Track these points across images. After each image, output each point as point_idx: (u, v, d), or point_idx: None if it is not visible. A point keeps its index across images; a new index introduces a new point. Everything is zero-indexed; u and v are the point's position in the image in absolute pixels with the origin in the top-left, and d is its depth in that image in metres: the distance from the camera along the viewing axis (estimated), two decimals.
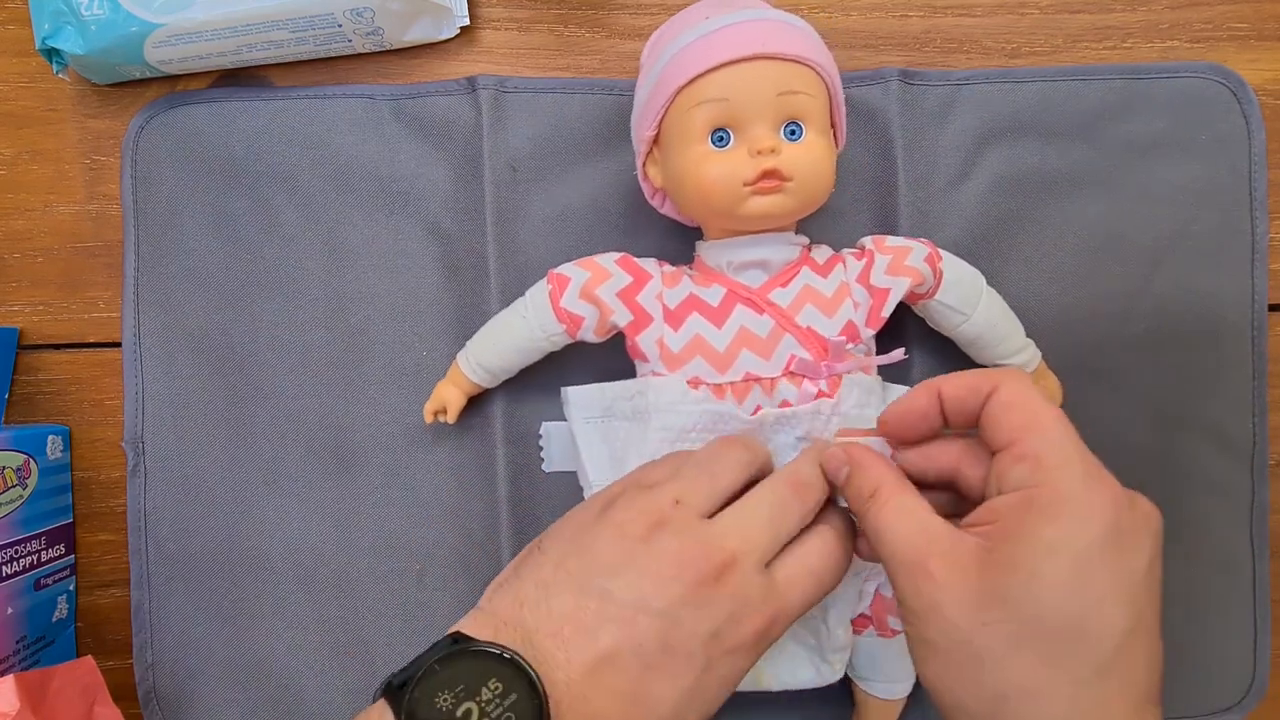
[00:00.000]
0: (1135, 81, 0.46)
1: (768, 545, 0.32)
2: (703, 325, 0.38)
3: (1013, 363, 0.43)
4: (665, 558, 0.31)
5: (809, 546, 0.33)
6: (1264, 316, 0.46)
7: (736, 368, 0.38)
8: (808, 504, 0.33)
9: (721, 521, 0.32)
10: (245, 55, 0.45)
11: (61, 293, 0.48)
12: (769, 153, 0.36)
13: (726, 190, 0.36)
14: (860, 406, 0.38)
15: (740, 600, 0.31)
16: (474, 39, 0.48)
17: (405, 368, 0.46)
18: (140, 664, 0.46)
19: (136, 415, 0.47)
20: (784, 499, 0.33)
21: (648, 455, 0.38)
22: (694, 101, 0.36)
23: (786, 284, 0.39)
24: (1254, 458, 0.46)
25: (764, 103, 0.36)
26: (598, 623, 0.30)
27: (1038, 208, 0.46)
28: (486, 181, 0.46)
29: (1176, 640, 0.46)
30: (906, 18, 0.48)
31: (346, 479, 0.46)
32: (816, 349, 0.38)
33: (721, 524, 0.32)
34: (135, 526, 0.46)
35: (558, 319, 0.40)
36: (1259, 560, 0.46)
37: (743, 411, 0.38)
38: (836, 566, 0.33)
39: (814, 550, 0.33)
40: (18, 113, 0.48)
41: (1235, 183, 0.46)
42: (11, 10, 0.48)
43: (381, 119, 0.47)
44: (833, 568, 0.33)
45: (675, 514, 0.32)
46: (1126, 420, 0.46)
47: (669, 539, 0.31)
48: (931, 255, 0.40)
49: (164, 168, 0.47)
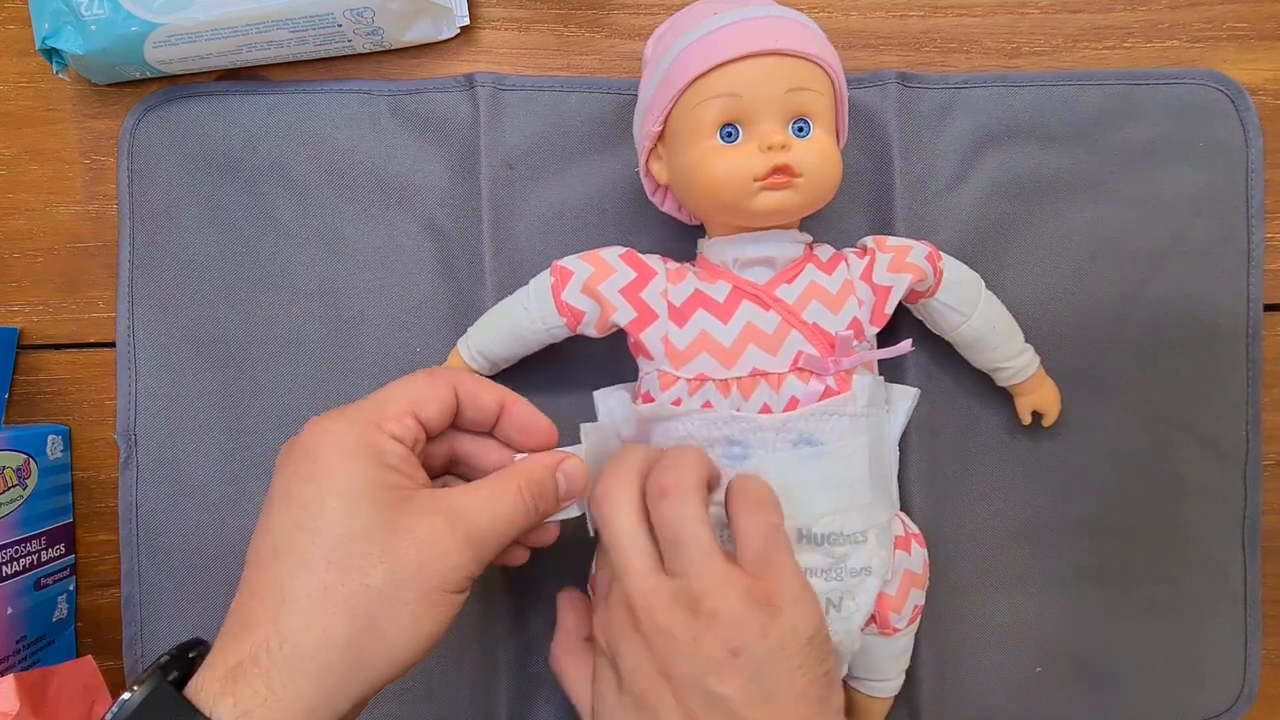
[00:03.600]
0: (1133, 87, 0.46)
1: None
2: (709, 321, 0.38)
3: (1011, 366, 0.43)
4: None
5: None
6: (1259, 324, 0.46)
7: (743, 363, 0.38)
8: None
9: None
10: (245, 55, 0.45)
11: (61, 293, 0.48)
12: (780, 148, 0.36)
13: (736, 185, 0.36)
14: (870, 404, 0.38)
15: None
16: (474, 39, 0.48)
17: (399, 363, 0.46)
18: (130, 657, 0.46)
19: (129, 408, 0.47)
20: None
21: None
22: (703, 96, 0.36)
23: (792, 280, 0.39)
24: (1247, 464, 0.46)
25: (774, 98, 0.36)
26: None
27: (1034, 212, 0.46)
28: (483, 179, 0.46)
29: (1167, 647, 0.46)
30: (906, 18, 0.48)
31: None
32: (823, 345, 0.38)
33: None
34: (127, 519, 0.47)
35: (559, 312, 0.40)
36: (1250, 566, 0.46)
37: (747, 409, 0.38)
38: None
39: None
40: (18, 113, 0.48)
41: (1232, 190, 0.46)
42: (11, 10, 0.48)
43: (379, 115, 0.47)
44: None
45: None
46: (1120, 425, 0.46)
47: None
48: (931, 254, 0.40)
49: (160, 161, 0.47)
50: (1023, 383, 0.43)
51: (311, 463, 0.31)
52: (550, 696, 0.46)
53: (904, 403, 0.42)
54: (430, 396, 0.34)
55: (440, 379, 0.35)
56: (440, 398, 0.35)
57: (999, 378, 0.44)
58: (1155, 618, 0.46)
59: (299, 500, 0.31)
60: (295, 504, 0.31)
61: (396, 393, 0.34)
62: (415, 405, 0.34)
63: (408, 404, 0.33)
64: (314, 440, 0.32)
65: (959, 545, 0.46)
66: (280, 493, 0.31)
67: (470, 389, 0.36)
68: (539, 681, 0.46)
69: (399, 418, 0.33)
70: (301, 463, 0.31)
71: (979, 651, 0.46)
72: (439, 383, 0.35)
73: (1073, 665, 0.46)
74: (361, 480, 0.31)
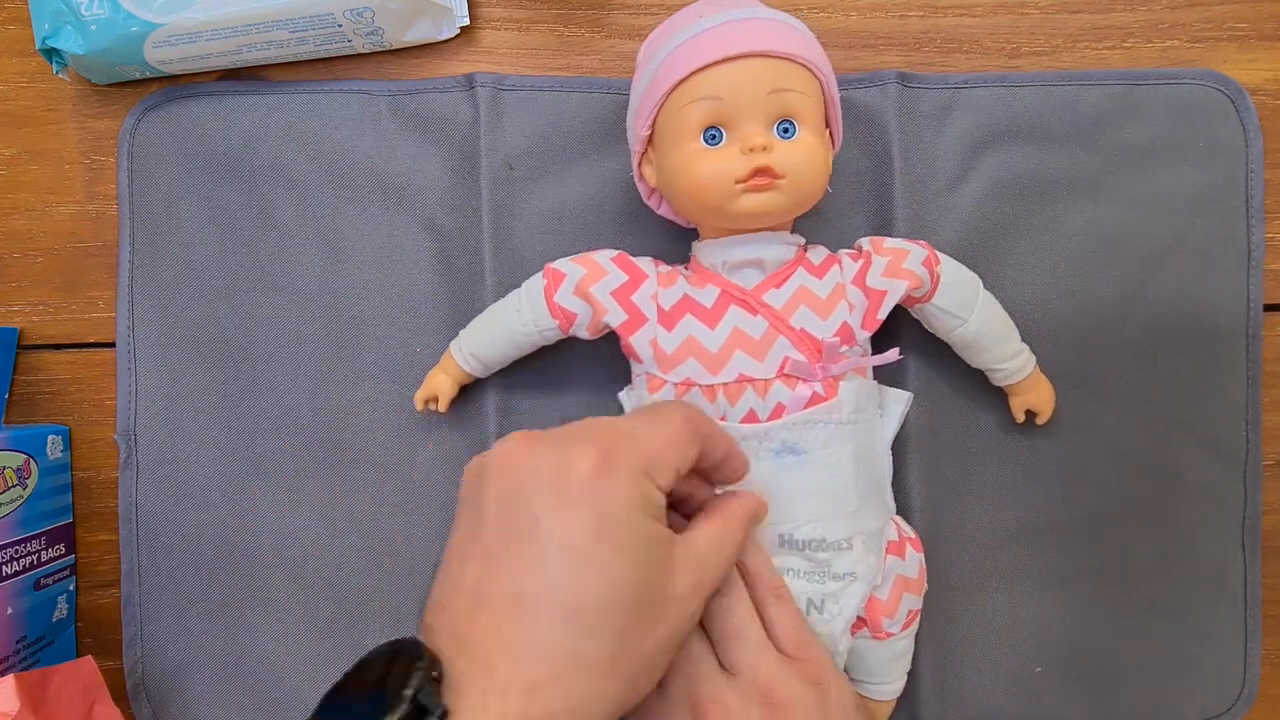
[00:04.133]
0: (1133, 88, 0.46)
1: None
2: (696, 326, 0.38)
3: (1007, 367, 0.43)
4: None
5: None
6: (1259, 324, 0.46)
7: (729, 369, 0.38)
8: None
9: None
10: (245, 55, 0.45)
11: (61, 293, 0.48)
12: (761, 150, 0.36)
13: (718, 188, 0.36)
14: (858, 411, 0.38)
15: None
16: (474, 39, 0.48)
17: (399, 363, 0.46)
18: (129, 657, 0.46)
19: (129, 408, 0.47)
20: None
21: None
22: (686, 100, 0.36)
23: (781, 285, 0.39)
24: (1247, 464, 0.46)
25: (756, 100, 0.36)
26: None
27: (1034, 212, 0.46)
28: (483, 179, 0.46)
29: (1167, 647, 0.46)
30: (906, 18, 0.48)
31: (339, 473, 0.46)
32: (810, 351, 0.38)
33: None
34: (127, 519, 0.47)
35: (551, 314, 0.40)
36: (1250, 566, 0.46)
37: (734, 414, 0.38)
38: None
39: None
40: (18, 113, 0.48)
41: (1232, 190, 0.46)
42: (11, 10, 0.48)
43: (379, 115, 0.47)
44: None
45: None
46: (1119, 426, 0.46)
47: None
48: (929, 258, 0.40)
49: (160, 161, 0.47)
50: (1018, 382, 0.43)
51: (598, 517, 0.28)
52: None
53: (897, 407, 0.42)
54: (689, 450, 0.32)
55: (695, 428, 0.32)
56: (694, 451, 0.32)
57: (994, 377, 0.44)
58: (1155, 618, 0.46)
59: (591, 562, 0.28)
60: (586, 564, 0.28)
61: (662, 440, 0.31)
62: (679, 457, 0.31)
63: (675, 457, 0.31)
64: (593, 489, 0.29)
65: (958, 545, 0.46)
66: (558, 544, 0.28)
67: (712, 438, 0.34)
68: None
69: (666, 470, 0.31)
70: (584, 513, 0.28)
71: (979, 651, 0.46)
72: (696, 433, 0.32)
73: (1073, 665, 0.46)
74: (646, 536, 0.29)
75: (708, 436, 0.33)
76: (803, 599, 0.38)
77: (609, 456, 0.29)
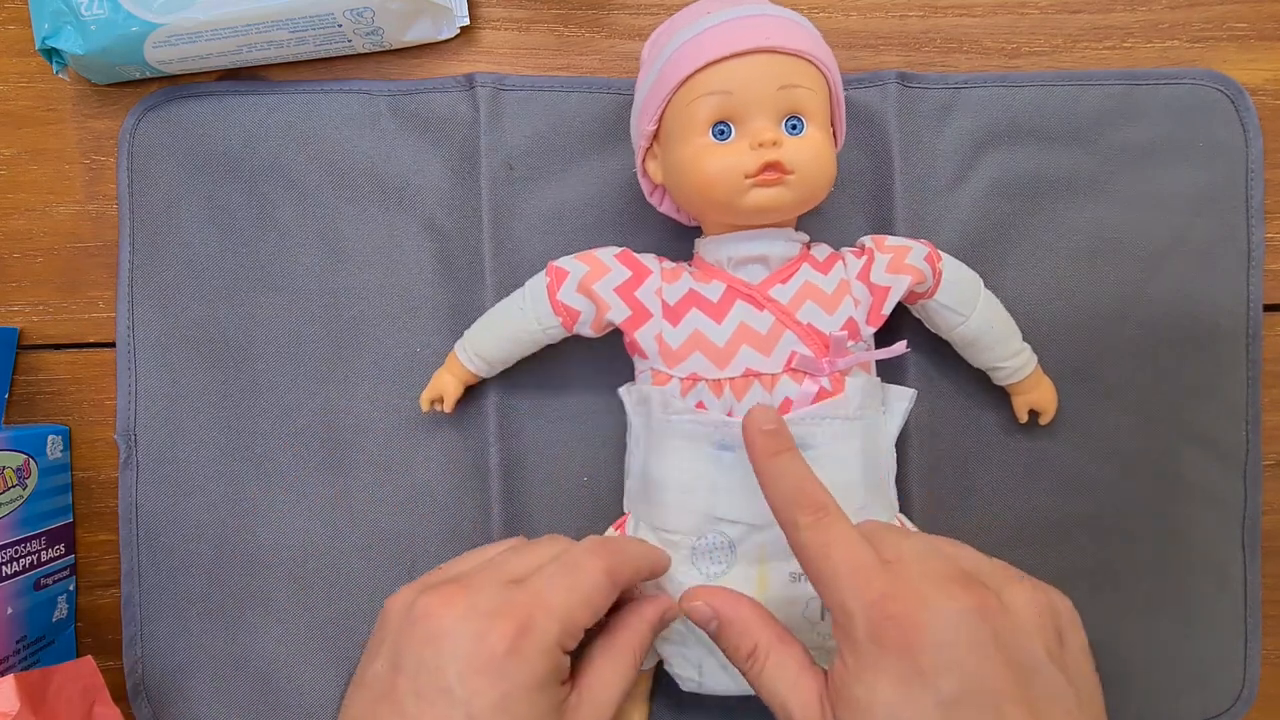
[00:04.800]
0: (1133, 87, 0.46)
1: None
2: (702, 321, 0.38)
3: (1009, 366, 0.43)
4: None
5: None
6: (1259, 324, 0.46)
7: (736, 364, 0.38)
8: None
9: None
10: (245, 55, 0.45)
11: (61, 293, 0.48)
12: (771, 145, 0.36)
13: (727, 182, 0.36)
14: (864, 407, 0.38)
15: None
16: (474, 39, 0.48)
17: (399, 363, 0.46)
18: (129, 656, 0.46)
19: (129, 408, 0.47)
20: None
21: (667, 461, 0.38)
22: (696, 94, 0.36)
23: (786, 280, 0.39)
24: (1247, 464, 0.46)
25: (765, 96, 0.36)
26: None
27: (1034, 212, 0.46)
28: (483, 178, 0.46)
29: (1167, 647, 0.46)
30: (906, 18, 0.48)
31: (338, 473, 0.46)
32: (817, 346, 0.38)
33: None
34: (127, 519, 0.47)
35: (554, 312, 0.40)
36: (1250, 566, 0.46)
37: (740, 410, 0.38)
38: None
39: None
40: (18, 113, 0.48)
41: (1232, 190, 0.46)
42: (11, 10, 0.48)
43: (379, 115, 0.47)
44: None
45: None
46: (1119, 426, 0.46)
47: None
48: (931, 255, 0.40)
49: (160, 161, 0.47)
50: (1020, 382, 0.43)
51: (504, 695, 0.30)
52: None
53: (900, 404, 0.42)
54: (606, 602, 0.33)
55: (614, 579, 0.34)
56: (611, 599, 0.34)
57: (996, 377, 0.44)
58: (1155, 618, 0.46)
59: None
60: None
61: (579, 602, 0.32)
62: (594, 614, 0.33)
63: (590, 615, 0.33)
64: (502, 666, 0.30)
65: None
66: (461, 712, 0.29)
67: (634, 576, 0.35)
68: None
69: (578, 631, 0.32)
70: (490, 688, 0.30)
71: None
72: (615, 584, 0.34)
73: None
74: (544, 709, 0.31)
75: (632, 575, 0.35)
76: (815, 603, 0.38)
77: (523, 634, 0.31)
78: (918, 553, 0.31)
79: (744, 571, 0.38)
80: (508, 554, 0.35)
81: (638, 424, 0.41)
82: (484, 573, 0.33)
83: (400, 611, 0.32)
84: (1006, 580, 0.30)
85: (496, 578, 0.33)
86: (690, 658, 0.39)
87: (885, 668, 0.28)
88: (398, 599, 0.33)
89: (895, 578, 0.29)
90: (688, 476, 0.38)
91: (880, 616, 0.28)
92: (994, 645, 0.28)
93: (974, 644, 0.28)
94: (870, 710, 0.28)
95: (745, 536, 0.38)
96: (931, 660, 0.27)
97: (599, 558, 0.34)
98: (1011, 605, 0.29)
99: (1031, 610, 0.29)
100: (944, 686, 0.27)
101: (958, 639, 0.28)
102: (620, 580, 0.34)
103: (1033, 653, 0.28)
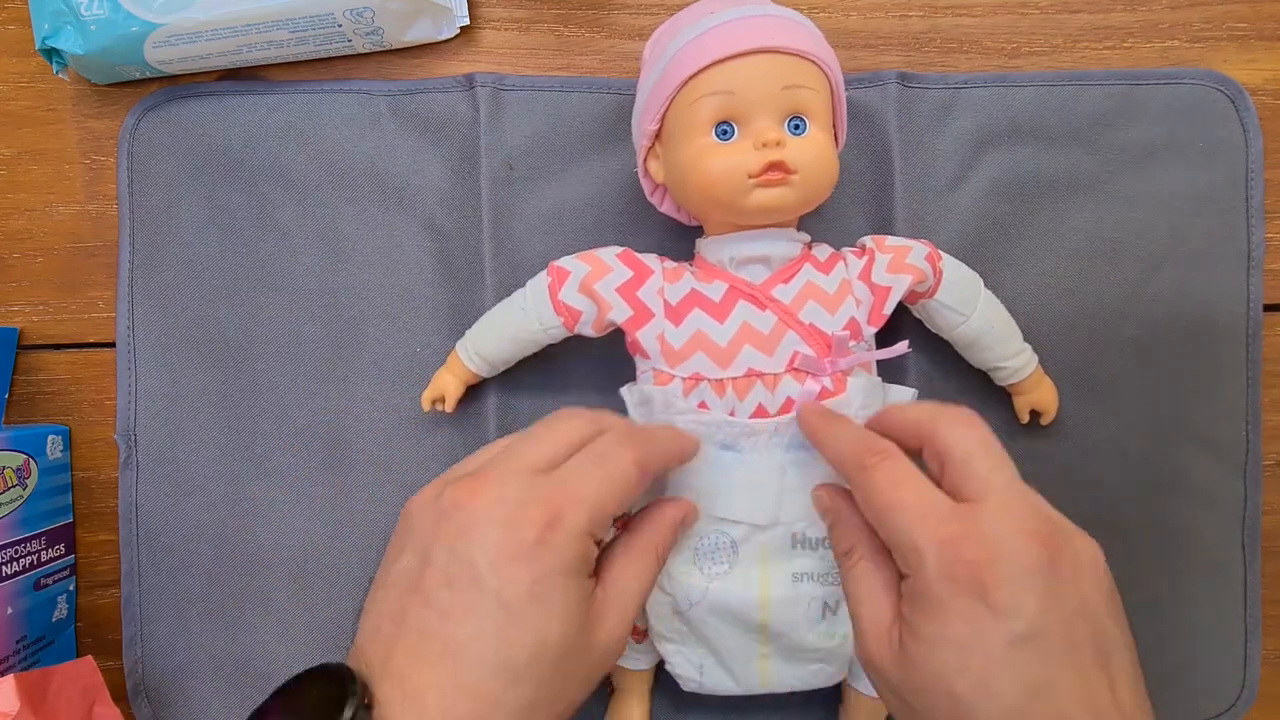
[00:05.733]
0: (1133, 87, 0.46)
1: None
2: (704, 321, 0.38)
3: (1010, 366, 0.43)
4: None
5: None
6: (1259, 324, 0.46)
7: (738, 364, 0.38)
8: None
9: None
10: (245, 55, 0.45)
11: (61, 293, 0.48)
12: (774, 145, 0.36)
13: (730, 182, 0.36)
14: (865, 407, 0.38)
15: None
16: (474, 39, 0.48)
17: (399, 363, 0.46)
18: (129, 657, 0.46)
19: (129, 408, 0.47)
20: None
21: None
22: (699, 94, 0.36)
23: (789, 280, 0.39)
24: (1246, 464, 0.46)
25: (769, 96, 0.36)
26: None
27: (1034, 212, 0.46)
28: (483, 178, 0.46)
29: (1168, 646, 0.46)
30: (906, 18, 0.48)
31: (338, 473, 0.46)
32: (819, 346, 0.38)
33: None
34: (127, 519, 0.47)
35: (555, 312, 0.40)
36: (1250, 566, 0.46)
37: (743, 409, 0.38)
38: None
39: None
40: (18, 113, 0.48)
41: (1231, 190, 0.46)
42: (11, 10, 0.48)
43: (379, 115, 0.47)
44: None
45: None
46: (1119, 426, 0.46)
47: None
48: (931, 254, 0.40)
49: (160, 161, 0.47)
50: (1021, 382, 0.43)
51: (534, 581, 0.30)
52: None
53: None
54: (636, 492, 0.33)
55: (644, 469, 0.33)
56: (642, 489, 0.33)
57: (997, 377, 0.44)
58: (1155, 618, 0.46)
59: (521, 621, 0.29)
60: (517, 622, 0.29)
61: (609, 492, 0.32)
62: (624, 504, 0.33)
63: (620, 505, 0.32)
64: (533, 553, 0.30)
65: None
66: (493, 600, 0.29)
67: (665, 462, 0.35)
68: None
69: (608, 521, 0.32)
70: (521, 574, 0.29)
71: None
72: (646, 475, 0.33)
73: None
74: (575, 598, 0.31)
75: (661, 465, 0.35)
76: (817, 603, 0.38)
77: (554, 524, 0.30)
78: (993, 490, 0.31)
79: (746, 572, 0.38)
80: (528, 441, 0.34)
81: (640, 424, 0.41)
82: (507, 461, 0.32)
83: (424, 507, 0.32)
84: (1075, 531, 0.31)
85: (522, 466, 0.32)
86: (691, 658, 0.39)
87: (956, 607, 0.28)
88: (420, 497, 0.33)
89: (967, 519, 0.30)
90: (690, 477, 0.38)
91: (952, 557, 0.29)
92: (1063, 588, 0.28)
93: (1045, 585, 0.28)
94: (939, 645, 0.28)
95: (748, 537, 0.38)
96: (1003, 600, 0.28)
97: (629, 448, 0.33)
98: (1079, 554, 0.30)
99: (1092, 558, 0.30)
100: (1014, 626, 0.27)
101: (1029, 582, 0.28)
102: (650, 470, 0.34)
103: (1096, 603, 0.29)
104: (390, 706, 0.28)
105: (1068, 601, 0.28)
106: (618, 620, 0.32)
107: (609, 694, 0.45)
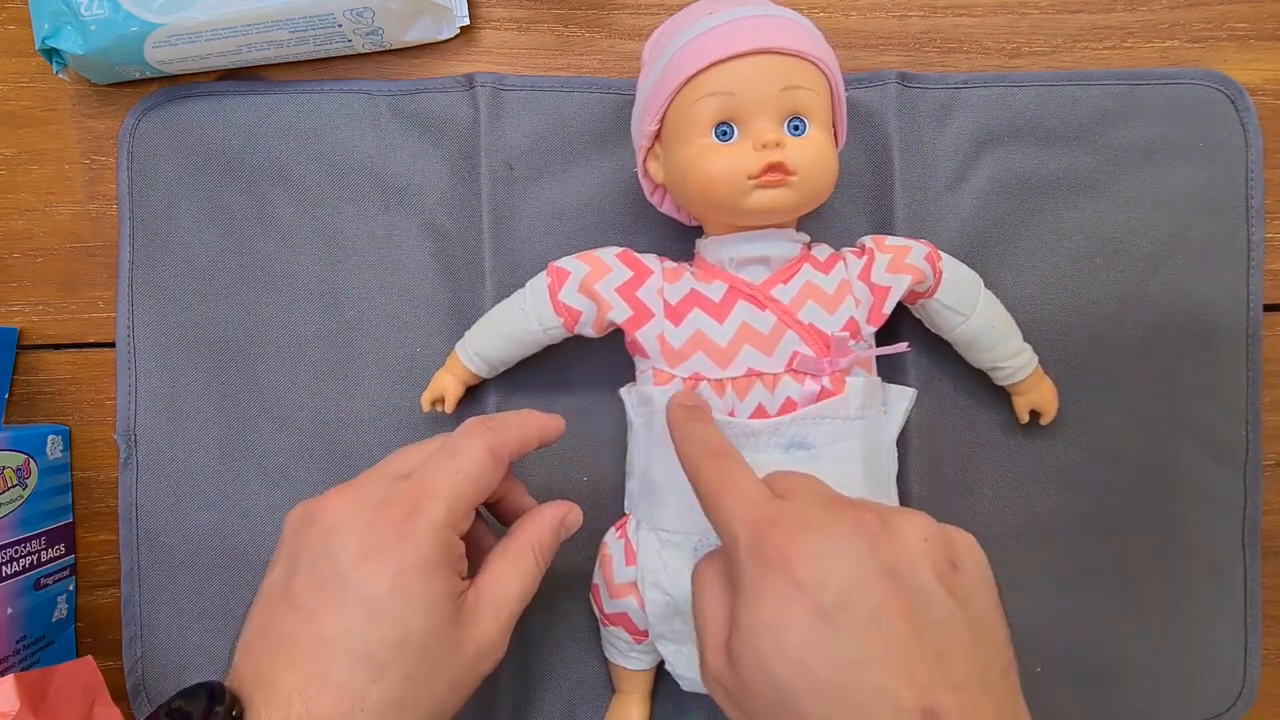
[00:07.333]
0: (1133, 87, 0.46)
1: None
2: (704, 321, 0.38)
3: (1009, 365, 0.43)
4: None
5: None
6: (1259, 324, 0.46)
7: (738, 363, 0.38)
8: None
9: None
10: (245, 55, 0.45)
11: (61, 293, 0.48)
12: (774, 146, 0.36)
13: (730, 183, 0.36)
14: (865, 407, 0.38)
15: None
16: (474, 39, 0.48)
17: (399, 363, 0.46)
18: (129, 657, 0.46)
19: (129, 408, 0.47)
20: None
21: (669, 462, 0.38)
22: (698, 95, 0.36)
23: (788, 280, 0.39)
24: (1247, 463, 0.46)
25: (768, 97, 0.36)
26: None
27: (1034, 212, 0.46)
28: (483, 179, 0.46)
29: (1167, 647, 0.46)
30: (906, 18, 0.48)
31: (338, 473, 0.46)
32: (819, 346, 0.38)
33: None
34: (127, 519, 0.47)
35: (555, 312, 0.40)
36: (1250, 566, 0.46)
37: (742, 409, 0.38)
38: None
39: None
40: (18, 113, 0.48)
41: (1232, 190, 0.46)
42: (11, 10, 0.48)
43: (379, 115, 0.47)
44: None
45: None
46: (1120, 425, 0.46)
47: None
48: (931, 254, 0.40)
49: (160, 160, 0.47)
50: (1021, 382, 0.43)
51: (395, 575, 0.30)
52: (552, 694, 0.46)
53: (901, 403, 0.42)
54: (493, 478, 0.34)
55: (497, 454, 0.34)
56: (500, 473, 0.34)
57: (997, 377, 0.44)
58: (1155, 618, 0.46)
59: (384, 614, 0.30)
60: (379, 616, 0.30)
61: (464, 483, 0.33)
62: (482, 492, 0.34)
63: (478, 493, 0.33)
64: (393, 548, 0.31)
65: None
66: (356, 596, 0.30)
67: (521, 445, 0.36)
68: (540, 680, 0.46)
69: (468, 511, 0.33)
70: (382, 570, 0.30)
71: None
72: (500, 459, 0.34)
73: (1073, 665, 0.46)
74: (439, 591, 0.31)
75: (518, 448, 0.36)
76: None
77: (411, 518, 0.31)
78: (809, 487, 0.31)
79: None
80: (392, 456, 0.35)
81: (639, 425, 0.41)
82: (370, 473, 0.34)
83: (294, 520, 0.34)
84: (897, 511, 0.31)
85: (384, 473, 0.34)
86: (691, 658, 0.39)
87: (765, 586, 0.28)
88: (292, 512, 0.34)
89: (782, 505, 0.30)
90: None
91: (759, 537, 0.29)
92: (872, 559, 0.28)
93: (851, 556, 0.28)
94: (757, 632, 0.28)
95: None
96: (808, 573, 0.27)
97: (478, 438, 0.34)
98: (896, 528, 0.29)
99: (917, 535, 0.29)
100: (823, 598, 0.27)
101: (834, 550, 0.28)
102: (504, 455, 0.35)
103: (917, 575, 0.28)
104: (258, 713, 0.29)
105: (879, 569, 0.28)
106: (492, 619, 0.33)
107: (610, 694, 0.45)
